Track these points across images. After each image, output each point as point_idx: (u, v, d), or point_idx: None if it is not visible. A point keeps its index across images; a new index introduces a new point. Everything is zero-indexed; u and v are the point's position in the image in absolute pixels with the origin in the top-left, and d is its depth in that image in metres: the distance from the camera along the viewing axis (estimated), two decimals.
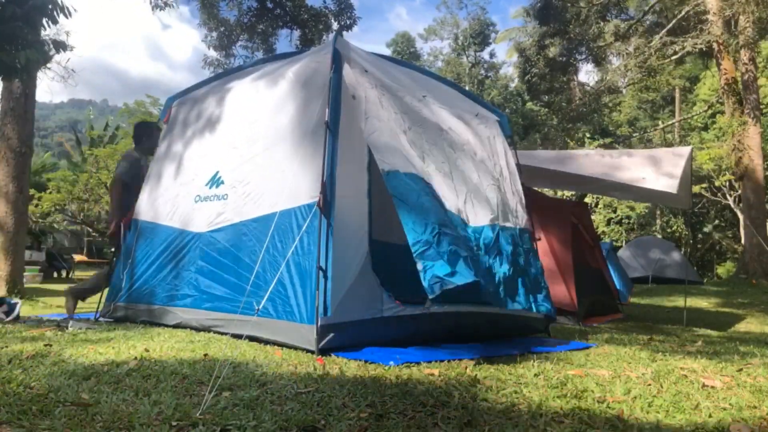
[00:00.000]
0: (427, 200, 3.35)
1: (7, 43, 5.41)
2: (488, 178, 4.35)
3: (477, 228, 3.89)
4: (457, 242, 3.26)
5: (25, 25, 5.34)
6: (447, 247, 3.12)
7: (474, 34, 39.52)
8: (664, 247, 16.76)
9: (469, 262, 3.17)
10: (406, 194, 3.29)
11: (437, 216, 3.28)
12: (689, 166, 6.53)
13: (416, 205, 3.26)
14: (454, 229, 3.43)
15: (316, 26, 13.75)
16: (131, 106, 27.04)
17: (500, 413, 2.05)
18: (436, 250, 3.09)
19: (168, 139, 5.10)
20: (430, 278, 2.99)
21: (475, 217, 3.92)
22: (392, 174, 3.36)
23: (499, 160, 4.63)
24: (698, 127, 27.09)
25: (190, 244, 4.35)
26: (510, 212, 4.40)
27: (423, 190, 3.40)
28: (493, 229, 3.98)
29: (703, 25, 14.79)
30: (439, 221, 3.26)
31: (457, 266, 3.07)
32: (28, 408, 1.92)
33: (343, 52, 3.97)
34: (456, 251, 3.15)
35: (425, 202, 3.32)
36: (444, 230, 3.22)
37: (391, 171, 3.37)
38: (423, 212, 3.23)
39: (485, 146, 4.57)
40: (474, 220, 3.90)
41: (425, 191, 3.41)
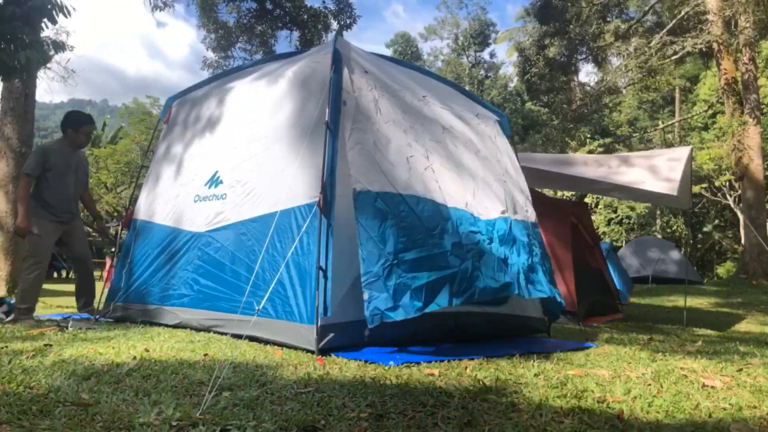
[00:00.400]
0: (391, 225, 3.38)
1: (7, 43, 5.41)
2: (494, 174, 4.32)
3: (490, 221, 3.85)
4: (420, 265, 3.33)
5: (25, 25, 5.35)
6: (396, 280, 3.25)
7: (474, 34, 39.52)
8: (664, 247, 16.76)
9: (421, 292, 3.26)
10: (370, 222, 3.36)
11: (398, 243, 3.34)
12: (689, 166, 6.53)
13: (376, 234, 3.34)
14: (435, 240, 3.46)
15: (315, 26, 13.75)
16: (131, 106, 27.07)
17: (500, 413, 2.05)
18: (384, 283, 3.23)
19: (168, 140, 5.10)
20: (372, 309, 3.17)
21: (486, 210, 3.88)
22: (362, 195, 3.40)
23: (502, 157, 4.61)
24: (698, 127, 27.09)
25: (189, 244, 4.35)
26: (519, 207, 4.37)
27: (393, 212, 3.43)
28: (506, 221, 3.94)
29: (703, 25, 14.80)
30: (399, 249, 3.32)
31: (401, 300, 3.21)
32: (28, 408, 1.92)
33: (344, 52, 3.97)
34: (404, 284, 3.25)
35: (388, 228, 3.37)
36: (402, 258, 3.30)
37: (362, 191, 3.40)
38: (381, 242, 3.32)
39: (487, 145, 4.56)
40: (486, 214, 3.86)
41: (398, 212, 3.44)
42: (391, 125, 3.82)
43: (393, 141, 3.75)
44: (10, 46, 5.42)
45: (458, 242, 3.52)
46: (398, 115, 3.91)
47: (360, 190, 3.40)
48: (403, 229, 3.39)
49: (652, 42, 16.06)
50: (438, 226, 3.52)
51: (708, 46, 15.08)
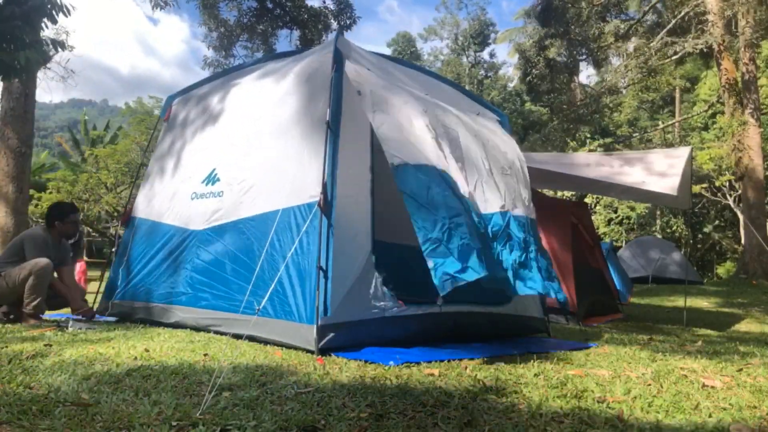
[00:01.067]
0: (438, 192, 3.29)
1: (7, 43, 5.41)
2: (499, 167, 4.30)
3: (486, 215, 3.80)
4: (471, 232, 3.21)
5: (25, 24, 5.34)
6: (458, 242, 3.11)
7: (474, 34, 39.51)
8: (664, 247, 16.75)
9: (481, 255, 3.14)
10: (416, 190, 3.26)
11: (449, 209, 3.24)
12: (689, 166, 6.53)
13: (426, 201, 3.23)
14: (469, 216, 3.38)
15: (315, 26, 13.75)
16: (133, 106, 27.07)
17: (500, 413, 2.05)
18: (446, 246, 3.09)
19: (167, 138, 5.10)
20: (441, 276, 3.00)
21: (485, 204, 3.84)
22: (401, 168, 3.30)
23: (506, 153, 4.59)
24: (698, 127, 27.08)
25: (187, 242, 4.34)
26: (521, 201, 4.34)
27: (434, 181, 3.34)
28: (503, 216, 3.89)
29: (703, 26, 14.79)
30: (451, 214, 3.22)
31: (469, 261, 3.06)
32: (28, 408, 1.92)
33: (345, 52, 3.97)
34: (468, 244, 3.12)
35: (436, 195, 3.27)
36: (456, 222, 3.18)
37: (400, 165, 3.31)
38: (432, 208, 3.21)
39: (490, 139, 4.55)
40: (484, 207, 3.82)
41: (437, 182, 3.36)
42: (409, 108, 3.75)
43: (414, 121, 3.69)
44: (10, 46, 5.42)
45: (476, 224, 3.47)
46: (412, 101, 3.87)
47: (398, 164, 3.31)
48: (448, 197, 3.32)
49: (652, 42, 16.06)
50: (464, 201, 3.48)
51: (708, 47, 15.07)
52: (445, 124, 4.01)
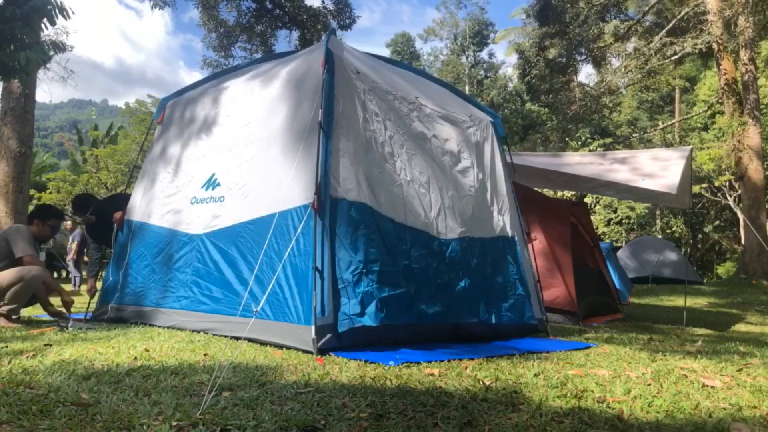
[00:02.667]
0: (363, 234, 3.55)
1: (7, 44, 5.41)
2: (465, 189, 4.42)
3: (446, 241, 4.07)
4: (381, 279, 3.49)
5: (25, 25, 5.34)
6: (364, 288, 3.41)
7: (473, 34, 39.51)
8: (664, 247, 16.75)
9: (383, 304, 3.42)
10: (344, 229, 3.53)
11: (367, 254, 3.51)
12: (689, 166, 6.53)
13: (349, 241, 3.51)
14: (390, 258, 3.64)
15: (314, 26, 13.75)
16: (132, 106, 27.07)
17: (500, 413, 2.05)
18: (353, 289, 3.40)
19: (162, 140, 5.09)
20: (341, 314, 3.34)
21: (446, 229, 4.10)
22: (339, 203, 3.56)
23: (483, 168, 4.69)
24: (698, 128, 27.08)
25: (186, 246, 4.33)
26: (485, 222, 4.50)
27: (365, 222, 3.60)
28: (461, 243, 4.15)
29: (702, 26, 14.80)
30: (369, 259, 3.50)
31: (367, 308, 3.37)
32: (28, 408, 1.92)
33: (336, 52, 3.97)
34: (371, 293, 3.40)
35: (360, 237, 3.54)
36: (370, 268, 3.47)
37: (336, 198, 3.57)
38: (353, 249, 3.49)
39: (471, 152, 4.59)
40: (444, 233, 4.08)
41: (367, 224, 3.61)
42: (375, 133, 3.93)
43: (373, 148, 3.87)
44: (10, 46, 5.42)
45: (407, 264, 3.73)
46: (381, 123, 4.01)
47: (337, 198, 3.57)
48: (372, 240, 3.58)
49: (651, 43, 16.06)
50: (394, 246, 3.72)
51: (708, 47, 15.07)
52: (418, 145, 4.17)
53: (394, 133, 4.03)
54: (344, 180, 3.64)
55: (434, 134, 4.35)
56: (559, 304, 6.41)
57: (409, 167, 4.03)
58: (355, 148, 3.76)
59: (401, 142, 4.06)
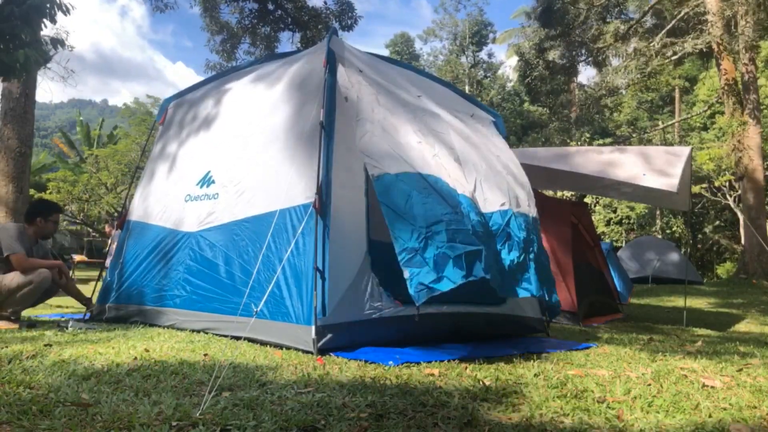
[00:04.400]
0: (418, 201, 3.28)
1: (6, 43, 5.40)
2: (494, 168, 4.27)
3: (487, 214, 3.75)
4: (452, 238, 3.19)
5: (24, 24, 5.33)
6: (434, 251, 3.11)
7: (472, 34, 39.51)
8: (664, 247, 16.75)
9: (462, 261, 3.12)
10: (394, 200, 3.26)
11: (427, 218, 3.23)
12: (689, 166, 6.52)
13: (403, 210, 3.24)
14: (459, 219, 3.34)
15: (316, 27, 13.77)
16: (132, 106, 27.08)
17: (500, 413, 2.05)
18: (422, 256, 3.10)
19: (163, 141, 5.10)
20: (416, 286, 3.02)
21: (484, 203, 3.78)
22: (380, 178, 3.32)
23: (501, 153, 4.57)
24: (698, 127, 27.08)
25: (180, 244, 4.33)
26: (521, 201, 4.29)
27: (415, 189, 3.33)
28: (503, 215, 3.83)
29: (702, 26, 14.80)
30: (429, 222, 3.20)
31: (444, 270, 3.07)
32: (28, 408, 1.91)
33: (338, 52, 3.97)
34: (444, 253, 3.11)
35: (415, 204, 3.27)
36: (434, 230, 3.17)
37: (379, 175, 3.32)
38: (410, 218, 3.21)
39: (485, 141, 4.54)
40: (483, 206, 3.76)
41: (419, 190, 3.34)
42: (395, 116, 3.77)
43: (400, 127, 3.69)
44: (10, 45, 5.42)
45: (474, 225, 3.42)
46: (398, 108, 3.88)
47: (378, 175, 3.32)
48: (430, 203, 3.29)
49: (652, 43, 16.06)
50: (457, 206, 3.43)
51: (708, 47, 15.08)
52: (436, 129, 4.01)
53: (413, 117, 3.92)
54: (381, 157, 3.42)
55: (449, 120, 4.30)
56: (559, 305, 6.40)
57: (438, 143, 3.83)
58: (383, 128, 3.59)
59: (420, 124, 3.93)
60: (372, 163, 3.36)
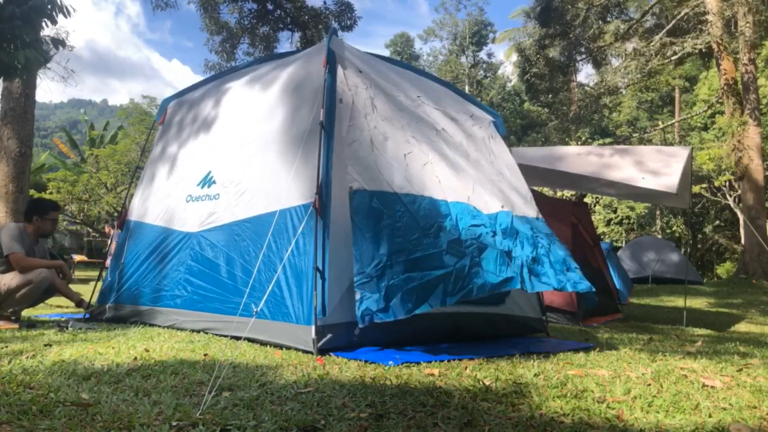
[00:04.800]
0: (387, 225, 3.38)
1: (7, 43, 5.41)
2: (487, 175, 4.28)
3: (491, 214, 3.78)
4: (412, 267, 3.32)
5: (25, 24, 5.34)
6: (388, 281, 3.25)
7: (472, 34, 39.52)
8: (664, 247, 16.76)
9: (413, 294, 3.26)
10: (364, 220, 3.37)
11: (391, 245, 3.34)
12: (689, 166, 6.52)
13: (372, 233, 3.35)
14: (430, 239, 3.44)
15: (316, 27, 13.76)
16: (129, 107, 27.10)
17: (500, 413, 2.05)
18: (376, 284, 3.24)
19: (163, 141, 5.10)
20: (363, 310, 3.18)
21: (486, 205, 3.82)
22: (357, 194, 3.40)
23: (495, 159, 4.59)
24: (698, 127, 27.09)
25: (181, 244, 4.33)
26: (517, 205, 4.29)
27: (389, 211, 3.43)
28: (507, 215, 3.86)
29: (702, 26, 14.80)
30: (392, 250, 3.32)
31: (392, 301, 3.22)
32: (28, 408, 1.92)
33: (338, 52, 3.97)
34: (396, 285, 3.25)
35: (384, 228, 3.37)
36: (394, 260, 3.30)
37: (358, 190, 3.41)
38: (374, 243, 3.33)
39: (480, 147, 4.55)
40: (486, 208, 3.80)
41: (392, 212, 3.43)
42: (388, 122, 3.80)
43: (390, 138, 3.72)
44: (10, 45, 5.42)
45: (456, 239, 3.46)
46: (394, 113, 3.90)
47: (356, 189, 3.39)
48: (398, 229, 3.39)
49: (652, 43, 16.07)
50: (434, 225, 3.47)
51: (708, 47, 15.08)
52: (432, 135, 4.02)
53: (407, 124, 3.95)
54: (363, 170, 3.48)
55: (443, 127, 4.31)
56: (559, 304, 6.41)
57: (432, 151, 3.87)
58: (370, 139, 3.63)
59: (415, 131, 3.96)
60: (352, 176, 3.45)
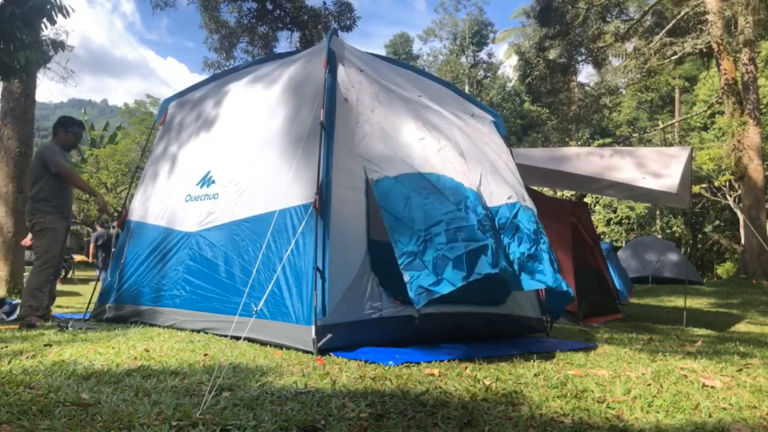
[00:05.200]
0: (417, 203, 3.30)
1: (6, 44, 5.40)
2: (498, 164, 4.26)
3: (493, 207, 3.75)
4: (453, 237, 3.19)
5: (24, 25, 5.34)
6: (433, 254, 3.13)
7: (472, 35, 39.53)
8: (664, 247, 16.76)
9: (462, 261, 3.12)
10: (393, 204, 3.29)
11: (426, 220, 3.24)
12: (689, 165, 6.52)
13: (403, 214, 3.26)
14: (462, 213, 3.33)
15: (315, 27, 13.76)
16: (131, 106, 27.11)
17: (500, 413, 2.05)
18: (421, 259, 3.13)
19: (163, 141, 5.10)
20: (416, 289, 3.06)
21: (490, 196, 3.78)
22: (379, 182, 3.35)
23: (501, 153, 4.57)
24: (698, 127, 27.10)
25: (180, 244, 4.34)
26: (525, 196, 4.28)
27: (415, 190, 3.34)
28: (510, 208, 3.81)
29: (702, 26, 14.80)
30: (429, 224, 3.22)
31: (444, 272, 3.09)
32: (28, 408, 1.92)
33: (338, 52, 3.97)
34: (444, 255, 3.13)
35: (414, 206, 3.28)
36: (433, 232, 3.19)
37: (378, 179, 3.36)
38: (409, 221, 3.23)
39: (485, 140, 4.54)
40: (489, 200, 3.76)
41: (419, 191, 3.35)
42: (397, 114, 3.77)
43: (403, 126, 3.69)
44: (10, 46, 5.42)
45: (480, 219, 3.40)
46: (401, 106, 3.88)
47: (377, 179, 3.35)
48: (430, 204, 3.30)
49: (651, 43, 16.07)
50: (462, 202, 3.41)
51: (708, 47, 15.08)
52: (439, 125, 4.00)
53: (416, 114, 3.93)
54: (380, 160, 3.45)
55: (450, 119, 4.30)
56: None
57: (444, 138, 3.84)
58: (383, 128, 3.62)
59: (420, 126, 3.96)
60: (371, 167, 3.40)
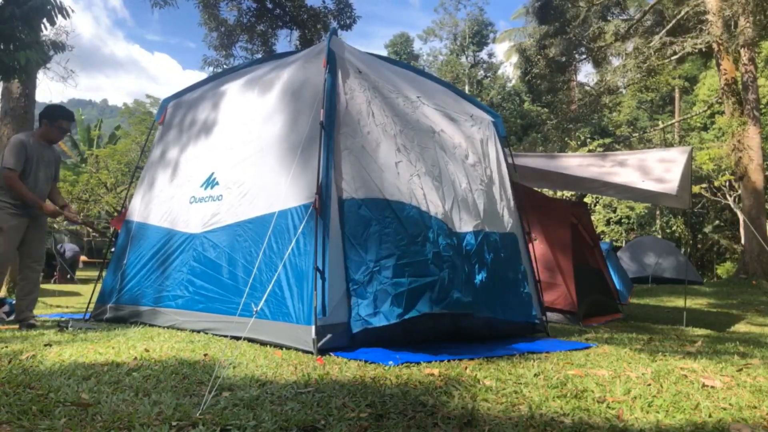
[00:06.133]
0: (375, 231, 3.49)
1: (6, 44, 5.40)
2: (477, 183, 4.38)
3: (461, 234, 4.00)
4: (401, 272, 3.41)
5: (24, 25, 5.34)
6: (376, 287, 3.37)
7: (472, 34, 39.52)
8: (664, 247, 16.76)
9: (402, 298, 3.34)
10: (353, 228, 3.49)
11: (379, 251, 3.45)
12: (689, 165, 6.52)
13: (360, 240, 3.47)
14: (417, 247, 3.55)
15: (315, 26, 13.75)
16: (131, 106, 27.12)
17: (500, 413, 2.05)
18: (364, 289, 3.38)
19: (163, 142, 5.09)
20: (354, 316, 3.35)
21: (459, 222, 4.02)
22: (346, 203, 3.52)
23: (489, 164, 4.67)
24: (698, 127, 27.09)
25: (184, 245, 4.33)
26: (496, 217, 4.46)
27: (378, 217, 3.53)
28: (476, 236, 4.09)
29: (702, 26, 14.80)
30: (380, 256, 3.43)
31: (382, 307, 3.34)
32: (28, 408, 1.92)
33: (338, 53, 3.97)
34: (385, 290, 3.35)
35: (372, 234, 3.48)
36: (382, 265, 3.41)
37: (347, 199, 3.52)
38: (363, 250, 3.45)
39: (476, 149, 4.59)
40: (459, 226, 4.01)
41: (381, 218, 3.54)
42: (382, 129, 3.89)
43: (382, 145, 3.81)
44: (10, 46, 5.41)
45: (438, 252, 3.62)
46: (389, 118, 3.97)
47: (345, 198, 3.52)
48: (387, 235, 3.51)
49: (651, 42, 16.06)
50: (421, 234, 3.61)
51: (708, 47, 15.08)
52: (423, 143, 4.08)
53: (403, 128, 3.99)
54: (352, 178, 3.59)
55: (441, 129, 4.34)
56: (559, 305, 6.41)
57: (422, 160, 3.96)
58: (362, 146, 3.72)
59: (411, 136, 4.01)
60: (342, 185, 3.58)
